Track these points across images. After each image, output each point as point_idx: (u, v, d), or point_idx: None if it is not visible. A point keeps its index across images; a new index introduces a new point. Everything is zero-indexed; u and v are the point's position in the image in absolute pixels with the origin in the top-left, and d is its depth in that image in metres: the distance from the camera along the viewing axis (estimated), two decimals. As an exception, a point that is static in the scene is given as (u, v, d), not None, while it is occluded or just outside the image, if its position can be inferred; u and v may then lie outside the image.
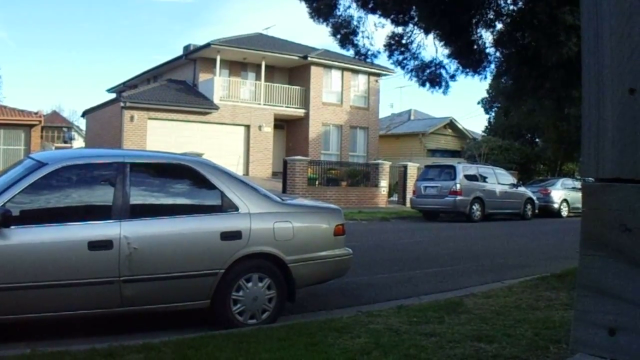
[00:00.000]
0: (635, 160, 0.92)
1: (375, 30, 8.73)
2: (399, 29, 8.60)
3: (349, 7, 8.53)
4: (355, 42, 8.66)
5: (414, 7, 8.02)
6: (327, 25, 8.63)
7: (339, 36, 8.62)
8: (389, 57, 8.83)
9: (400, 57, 8.79)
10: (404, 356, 3.87)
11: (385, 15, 8.29)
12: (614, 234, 0.96)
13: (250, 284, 4.90)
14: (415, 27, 8.50)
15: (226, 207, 4.96)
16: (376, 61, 9.32)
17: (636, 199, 0.93)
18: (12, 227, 4.14)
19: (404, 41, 8.64)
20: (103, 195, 4.60)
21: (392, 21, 8.40)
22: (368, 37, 8.71)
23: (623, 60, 0.93)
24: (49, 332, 4.57)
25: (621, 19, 0.92)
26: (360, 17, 8.57)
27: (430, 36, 8.52)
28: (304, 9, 8.82)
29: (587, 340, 0.99)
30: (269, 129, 27.50)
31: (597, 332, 0.97)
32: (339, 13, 8.51)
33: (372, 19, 8.44)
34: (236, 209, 4.96)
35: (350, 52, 8.94)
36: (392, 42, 8.67)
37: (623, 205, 0.95)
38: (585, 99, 0.99)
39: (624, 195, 0.95)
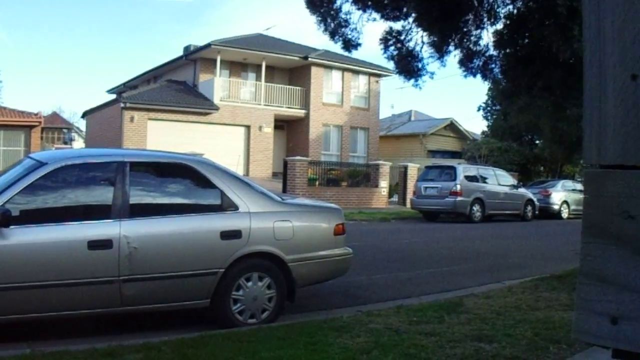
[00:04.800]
0: (637, 147, 0.92)
1: (366, 23, 8.86)
2: (397, 25, 8.67)
3: (346, 1, 8.60)
4: (347, 34, 8.72)
5: (411, 5, 8.05)
6: (319, 15, 8.67)
7: (330, 28, 8.68)
8: (384, 51, 8.89)
9: (395, 52, 8.83)
10: (404, 355, 3.86)
11: (380, 13, 8.33)
12: (617, 221, 0.96)
13: (250, 284, 4.90)
14: (414, 25, 8.54)
15: (226, 206, 4.95)
16: (374, 60, 9.47)
17: (639, 185, 0.93)
18: (12, 226, 4.13)
19: (402, 37, 8.68)
20: (103, 194, 4.60)
21: (385, 17, 8.44)
22: (357, 31, 8.79)
23: (625, 46, 0.93)
24: (48, 331, 4.56)
25: (624, 5, 0.92)
26: (349, 11, 8.64)
27: (424, 33, 8.58)
28: (303, 6, 8.87)
29: (589, 328, 0.99)
30: (269, 130, 27.50)
31: (599, 320, 0.97)
32: (335, 7, 8.56)
33: (366, 14, 8.52)
34: (236, 208, 4.96)
35: (340, 45, 9.04)
36: (389, 37, 8.71)
37: (626, 192, 0.94)
38: (587, 85, 0.99)
39: (626, 181, 0.94)
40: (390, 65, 9.33)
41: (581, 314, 1.00)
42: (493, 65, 8.68)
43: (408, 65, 8.82)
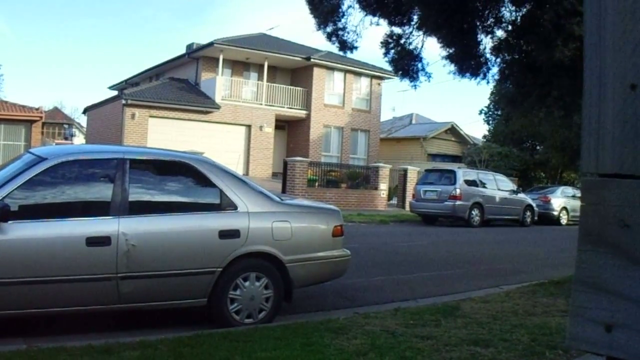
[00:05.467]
0: (635, 156, 0.92)
1: (369, 27, 8.87)
2: (399, 29, 8.67)
3: (350, 6, 8.60)
4: (344, 37, 8.72)
5: (415, 10, 8.05)
6: (321, 17, 8.69)
7: (328, 30, 8.70)
8: (385, 54, 8.90)
9: (396, 56, 8.84)
10: (400, 358, 3.87)
11: (384, 17, 8.34)
12: (613, 230, 0.97)
13: (247, 283, 4.90)
14: (414, 29, 8.55)
15: (225, 205, 4.95)
16: (376, 62, 9.49)
17: (635, 195, 0.93)
18: (10, 221, 4.13)
19: (402, 40, 8.68)
20: (102, 191, 4.60)
21: (390, 22, 8.45)
22: (357, 33, 8.82)
23: (625, 56, 0.94)
24: (45, 328, 4.56)
25: (624, 14, 0.92)
26: (349, 12, 8.65)
27: (426, 37, 8.59)
28: (306, 8, 8.86)
29: (583, 336, 0.99)
30: (270, 130, 27.51)
31: (593, 328, 0.97)
32: (340, 10, 8.57)
33: (369, 19, 8.52)
34: (235, 207, 4.96)
35: (336, 45, 9.05)
36: (389, 40, 8.72)
37: (622, 201, 0.95)
38: (586, 94, 1.00)
39: (623, 191, 0.95)
40: (389, 64, 9.31)
41: (575, 321, 1.01)
42: (489, 69, 8.68)
43: (405, 65, 8.82)
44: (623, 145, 0.95)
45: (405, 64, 8.81)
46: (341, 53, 9.55)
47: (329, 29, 8.69)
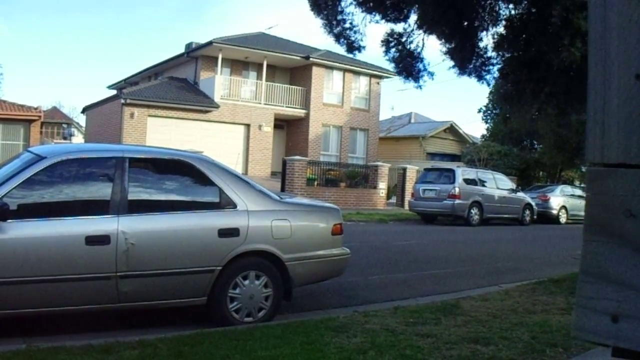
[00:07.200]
0: None
1: (369, 24, 8.88)
2: (398, 27, 8.67)
3: (350, 4, 8.59)
4: (351, 37, 8.71)
5: (414, 8, 8.05)
6: (324, 19, 8.68)
7: (335, 31, 8.69)
8: (385, 53, 8.89)
9: (396, 55, 8.83)
10: (400, 356, 3.86)
11: (384, 16, 8.34)
12: (619, 220, 0.96)
13: (247, 282, 4.89)
14: (415, 27, 8.54)
15: (224, 204, 4.94)
16: (375, 61, 9.49)
17: None
18: (9, 220, 4.11)
19: (402, 39, 8.68)
20: (101, 189, 4.59)
21: (389, 20, 8.45)
22: (361, 33, 8.81)
23: (630, 46, 0.93)
24: (45, 327, 4.55)
25: (629, 5, 0.92)
26: (353, 13, 8.65)
27: (425, 35, 8.58)
28: (306, 6, 8.86)
29: (589, 327, 0.99)
30: (269, 129, 27.49)
31: (599, 318, 0.97)
32: (339, 9, 8.57)
33: (369, 16, 8.52)
34: (234, 206, 4.95)
35: (344, 47, 9.03)
36: (390, 39, 8.71)
37: (628, 191, 0.95)
38: (591, 85, 0.99)
39: (629, 180, 0.95)
40: (391, 67, 9.31)
41: (581, 312, 1.00)
42: (490, 67, 8.68)
43: (408, 66, 8.82)
44: (628, 135, 0.95)
45: (407, 64, 8.81)
46: (348, 54, 9.53)
47: (335, 30, 8.68)
